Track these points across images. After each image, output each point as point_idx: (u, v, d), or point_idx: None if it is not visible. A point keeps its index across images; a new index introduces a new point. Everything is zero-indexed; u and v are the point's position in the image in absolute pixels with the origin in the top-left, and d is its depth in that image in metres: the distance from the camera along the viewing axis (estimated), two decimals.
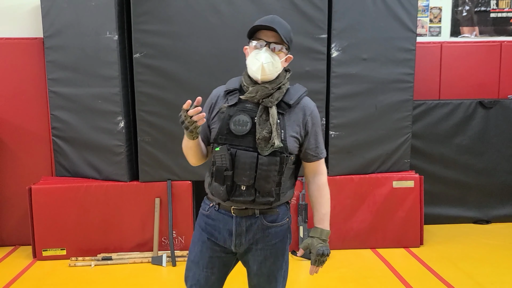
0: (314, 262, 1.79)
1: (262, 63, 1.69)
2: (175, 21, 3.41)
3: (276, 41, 1.73)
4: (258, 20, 1.75)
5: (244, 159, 1.70)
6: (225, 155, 1.71)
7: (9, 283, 3.20)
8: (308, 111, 1.82)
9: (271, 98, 1.73)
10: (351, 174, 3.71)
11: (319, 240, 1.80)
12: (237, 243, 1.79)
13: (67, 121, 3.65)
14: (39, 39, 3.77)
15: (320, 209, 1.87)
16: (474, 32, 4.47)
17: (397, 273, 3.28)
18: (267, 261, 1.82)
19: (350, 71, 3.58)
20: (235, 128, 1.73)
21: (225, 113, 1.75)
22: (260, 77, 1.71)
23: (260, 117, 1.71)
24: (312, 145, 1.82)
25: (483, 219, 4.30)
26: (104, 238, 3.58)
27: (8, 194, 3.89)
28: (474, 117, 4.20)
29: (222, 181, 1.73)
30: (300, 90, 1.86)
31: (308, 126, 1.81)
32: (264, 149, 1.70)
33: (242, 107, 1.75)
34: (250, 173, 1.71)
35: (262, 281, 1.85)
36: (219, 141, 1.74)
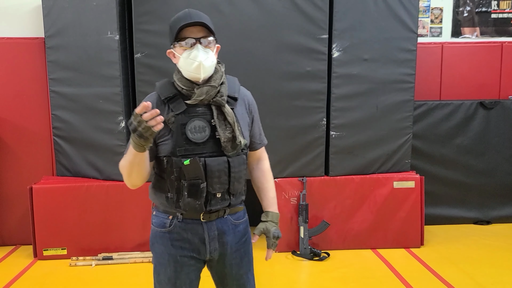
0: (271, 245, 1.78)
1: (201, 61, 1.58)
2: None
3: (204, 35, 1.63)
4: (175, 19, 1.64)
5: (216, 166, 1.62)
6: (197, 167, 1.58)
7: (9, 282, 3.21)
8: (248, 100, 1.78)
9: (221, 96, 1.64)
10: (351, 175, 3.71)
11: (272, 223, 1.79)
12: (212, 249, 1.70)
13: (68, 121, 3.65)
14: (40, 39, 3.78)
15: (268, 193, 1.85)
16: (475, 33, 4.47)
17: (397, 274, 3.28)
18: (243, 260, 1.78)
19: (351, 72, 3.58)
20: (194, 136, 1.61)
21: (175, 123, 1.60)
22: (202, 76, 1.60)
23: (217, 118, 1.63)
24: (256, 133, 1.82)
25: (483, 219, 4.30)
26: (105, 238, 3.59)
27: (9, 194, 3.89)
28: (475, 117, 4.20)
29: (199, 195, 1.60)
30: (235, 80, 1.78)
31: (252, 115, 1.78)
32: (230, 150, 1.63)
33: (194, 112, 1.62)
34: (224, 179, 1.64)
35: (242, 283, 1.79)
36: (178, 153, 1.59)
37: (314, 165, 3.68)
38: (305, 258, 3.57)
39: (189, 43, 1.62)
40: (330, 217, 3.68)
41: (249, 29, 3.46)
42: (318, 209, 3.68)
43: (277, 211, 1.83)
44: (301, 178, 3.65)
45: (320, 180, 3.69)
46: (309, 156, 3.66)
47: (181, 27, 1.60)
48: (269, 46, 3.50)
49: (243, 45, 3.47)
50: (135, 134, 1.45)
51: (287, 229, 3.68)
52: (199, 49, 1.60)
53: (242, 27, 3.45)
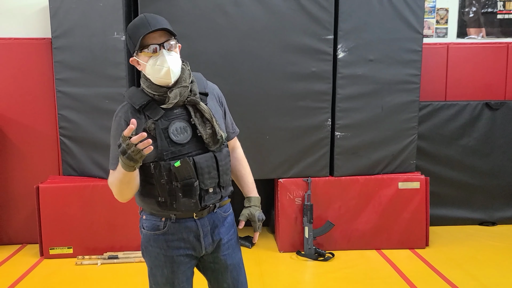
0: (257, 228, 1.85)
1: (169, 67, 1.60)
2: (182, 22, 3.43)
3: (166, 38, 1.64)
4: (132, 27, 1.64)
5: (205, 163, 1.66)
6: (188, 167, 1.62)
7: (16, 281, 3.23)
8: (217, 92, 1.83)
9: (194, 95, 1.68)
10: (356, 175, 3.71)
11: (256, 207, 1.85)
12: (207, 244, 1.75)
13: (74, 121, 3.68)
14: (47, 40, 3.81)
15: (247, 179, 1.91)
16: (481, 34, 4.46)
17: (402, 274, 3.28)
18: (235, 250, 1.85)
19: (356, 72, 3.59)
20: (178, 138, 1.64)
21: (156, 129, 1.63)
22: (172, 81, 1.63)
23: (196, 117, 1.67)
24: (229, 123, 1.87)
25: (489, 221, 4.28)
26: (110, 237, 3.61)
27: (16, 193, 3.92)
28: (481, 118, 4.19)
29: (193, 193, 1.64)
30: (201, 76, 1.81)
31: (223, 107, 1.84)
32: (213, 145, 1.68)
33: (172, 115, 1.66)
34: (214, 173, 1.69)
35: (236, 274, 1.85)
36: (165, 157, 1.62)
37: (319, 165, 3.68)
38: (310, 258, 3.58)
39: (152, 49, 1.62)
40: (335, 217, 3.68)
41: (254, 29, 3.47)
42: (322, 210, 3.69)
43: (257, 195, 1.89)
44: (306, 179, 3.66)
45: (325, 180, 3.70)
46: (314, 156, 3.66)
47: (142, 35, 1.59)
48: (274, 46, 3.51)
49: (248, 45, 3.48)
50: (124, 157, 1.46)
51: (292, 229, 3.68)
52: (164, 54, 1.61)
53: (247, 27, 3.46)
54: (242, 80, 3.50)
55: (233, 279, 1.84)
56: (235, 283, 1.85)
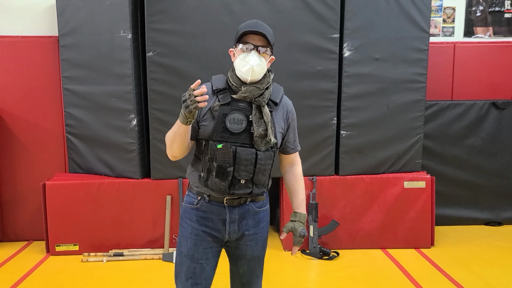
0: (297, 243, 1.95)
1: (252, 66, 1.79)
2: (188, 20, 3.43)
3: (262, 44, 1.83)
4: (243, 25, 1.84)
5: (245, 156, 1.81)
6: (228, 152, 1.79)
7: (22, 277, 3.26)
8: (288, 108, 1.97)
9: (263, 98, 1.84)
10: (362, 174, 3.71)
11: (300, 223, 1.96)
12: (231, 231, 1.89)
13: (80, 119, 3.70)
14: (54, 38, 3.83)
15: (298, 195, 2.03)
16: (488, 33, 4.44)
17: (407, 274, 3.27)
18: (258, 244, 1.96)
19: (362, 71, 3.58)
20: (232, 126, 1.82)
21: (218, 111, 1.82)
22: (250, 78, 1.81)
23: (255, 115, 1.83)
24: (291, 139, 2.02)
25: (495, 220, 4.26)
26: (116, 235, 3.62)
27: (22, 190, 3.95)
28: (487, 118, 4.17)
29: (225, 177, 1.81)
30: (280, 89, 1.98)
31: (289, 122, 1.98)
32: (260, 145, 1.83)
33: (236, 106, 1.84)
34: (250, 168, 1.83)
35: (253, 265, 1.97)
36: (215, 138, 1.81)
37: (324, 164, 3.68)
38: (315, 257, 3.58)
39: (248, 48, 1.82)
40: (340, 216, 3.68)
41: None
42: (328, 208, 3.68)
43: (305, 213, 2.01)
44: (311, 177, 3.65)
45: (330, 179, 3.69)
46: (319, 155, 3.66)
47: (245, 32, 1.82)
48: (280, 45, 3.49)
49: None
50: (183, 105, 1.68)
51: None
52: (253, 55, 1.81)
53: None
54: None
55: (249, 268, 1.97)
56: (250, 273, 1.98)
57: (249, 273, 1.98)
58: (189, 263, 1.90)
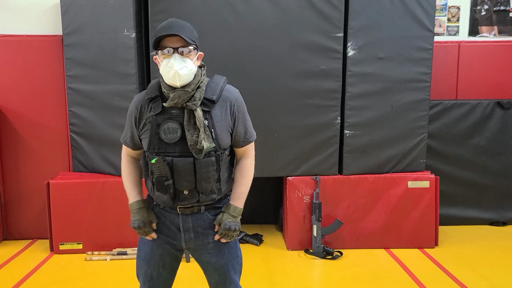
0: (220, 235, 1.85)
1: (176, 70, 1.69)
2: (192, 19, 3.41)
3: (182, 45, 1.72)
4: (158, 28, 1.74)
5: (182, 166, 1.74)
6: (162, 166, 1.73)
7: (26, 275, 3.27)
8: (232, 100, 1.83)
9: (193, 101, 1.74)
10: (365, 174, 3.70)
11: (228, 215, 1.85)
12: (186, 238, 1.86)
13: (84, 118, 3.71)
14: (58, 37, 3.83)
15: (238, 188, 1.90)
16: (493, 32, 4.41)
17: (411, 274, 3.26)
18: (222, 252, 1.89)
19: (366, 70, 3.57)
20: (166, 137, 1.74)
21: (152, 122, 1.76)
22: (178, 84, 1.72)
23: (188, 121, 1.73)
24: (241, 132, 1.87)
25: (499, 221, 4.25)
26: (119, 233, 3.63)
27: (26, 189, 3.96)
28: (492, 117, 4.15)
29: (164, 190, 1.77)
30: (220, 81, 1.85)
31: (236, 115, 1.84)
32: (198, 152, 1.73)
33: (168, 114, 1.75)
34: (190, 178, 1.76)
35: (222, 273, 1.90)
36: (152, 151, 1.76)
37: (328, 163, 3.67)
38: (318, 256, 3.57)
39: (167, 52, 1.72)
40: (344, 216, 3.67)
41: (264, 27, 3.46)
42: (331, 208, 3.68)
43: (240, 206, 1.89)
44: (315, 177, 3.65)
45: (333, 179, 3.69)
46: (323, 154, 3.65)
47: (161, 37, 1.70)
48: (284, 44, 3.50)
49: (258, 43, 3.48)
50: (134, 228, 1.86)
51: (300, 228, 3.68)
52: (176, 58, 1.70)
53: (257, 25, 3.46)
54: (251, 77, 3.50)
55: (220, 277, 1.90)
56: (223, 282, 1.91)
57: (222, 282, 1.91)
58: (146, 268, 1.90)
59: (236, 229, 1.84)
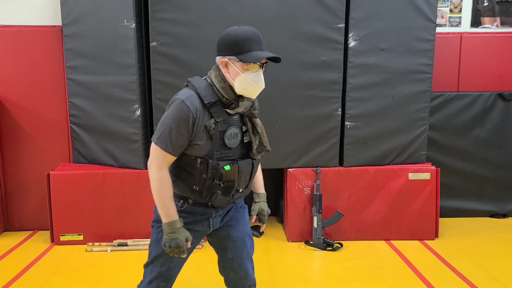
0: (265, 221, 2.06)
1: (261, 87, 1.76)
2: (193, 9, 3.40)
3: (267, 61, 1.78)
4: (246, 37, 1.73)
5: (246, 168, 1.84)
6: (236, 172, 1.80)
7: (27, 266, 3.28)
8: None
9: (254, 110, 1.83)
10: (366, 165, 3.69)
11: (264, 203, 2.05)
12: (215, 223, 1.92)
13: (84, 109, 3.69)
14: (57, 27, 3.81)
15: (258, 177, 2.06)
16: (495, 23, 4.38)
17: (411, 265, 3.27)
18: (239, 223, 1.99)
19: (367, 61, 3.55)
20: (230, 142, 1.79)
21: (216, 128, 1.74)
22: (255, 97, 1.80)
23: (252, 127, 1.84)
24: None
25: (500, 213, 4.25)
26: (120, 225, 3.63)
27: (27, 180, 3.96)
28: (494, 109, 4.13)
29: (228, 193, 1.83)
30: None
31: None
32: (257, 155, 1.86)
33: (230, 120, 1.79)
34: (248, 178, 1.88)
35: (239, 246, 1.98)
36: (214, 156, 1.76)
37: (329, 155, 3.66)
38: (318, 248, 3.58)
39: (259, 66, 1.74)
40: (344, 207, 3.67)
41: (265, 18, 3.44)
42: (331, 200, 3.68)
43: (265, 192, 2.09)
44: (315, 168, 3.64)
45: (334, 170, 3.68)
46: (324, 146, 3.64)
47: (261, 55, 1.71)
48: (285, 35, 3.48)
49: None
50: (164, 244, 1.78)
51: (301, 219, 3.68)
52: (261, 74, 1.75)
53: (258, 16, 3.43)
54: None
55: (236, 250, 1.98)
56: (238, 255, 1.98)
57: (238, 255, 1.98)
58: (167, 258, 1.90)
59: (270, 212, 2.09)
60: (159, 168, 1.76)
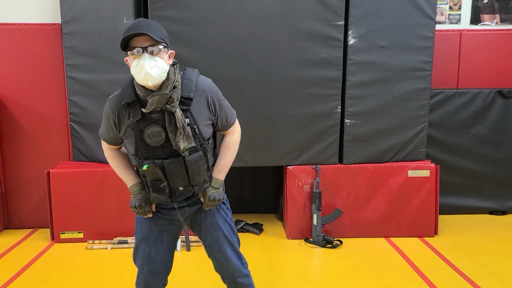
0: (206, 206, 1.95)
1: (147, 71, 1.66)
2: (192, 7, 3.40)
3: (151, 43, 1.69)
4: (125, 30, 1.71)
5: (174, 167, 1.79)
6: (155, 172, 1.78)
7: (28, 264, 3.28)
8: (208, 92, 1.85)
9: (171, 102, 1.74)
10: (366, 163, 3.69)
11: (211, 188, 1.93)
12: (182, 212, 1.96)
13: (84, 107, 3.69)
14: (57, 25, 3.81)
15: (221, 160, 1.98)
16: (494, 20, 4.38)
17: (410, 262, 3.27)
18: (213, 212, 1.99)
19: (367, 59, 3.55)
20: (151, 141, 1.77)
21: (135, 128, 1.77)
22: (150, 84, 1.69)
23: (169, 123, 1.75)
24: (222, 119, 1.93)
25: (499, 210, 4.25)
26: (120, 222, 3.64)
27: (27, 178, 3.97)
28: (493, 106, 4.13)
29: (161, 191, 1.84)
30: (193, 75, 1.85)
31: (215, 105, 1.88)
32: (184, 152, 1.78)
33: (149, 119, 1.76)
34: (183, 176, 1.83)
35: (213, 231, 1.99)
36: (140, 155, 1.80)
37: (328, 153, 3.67)
38: (318, 245, 3.58)
39: (137, 52, 1.69)
40: (344, 205, 3.68)
41: (264, 15, 3.43)
42: (331, 197, 3.68)
43: (220, 178, 1.97)
44: (315, 166, 3.65)
45: (334, 168, 3.69)
46: (323, 143, 3.65)
47: (128, 37, 1.68)
48: (284, 32, 3.48)
49: (258, 31, 3.45)
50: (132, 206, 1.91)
51: (300, 217, 3.69)
52: (145, 58, 1.67)
53: (257, 13, 3.43)
54: (251, 66, 3.48)
55: (212, 237, 1.99)
56: (214, 240, 1.99)
57: (214, 241, 1.99)
58: (144, 247, 1.96)
59: (220, 199, 1.94)
60: (105, 151, 2.02)
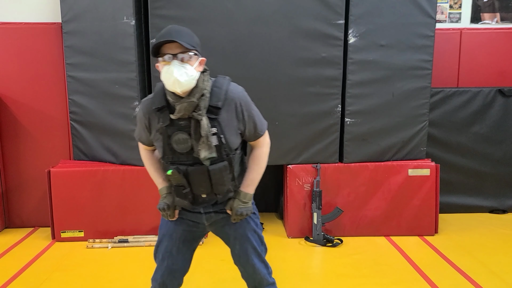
0: (233, 219, 1.94)
1: (176, 77, 1.67)
2: (192, 6, 3.40)
3: (182, 50, 1.70)
4: (157, 35, 1.73)
5: (197, 175, 1.80)
6: (178, 177, 1.81)
7: (28, 263, 3.29)
8: (237, 100, 1.82)
9: (198, 110, 1.74)
10: (366, 162, 3.70)
11: (239, 201, 1.92)
12: (207, 217, 1.95)
13: (84, 106, 3.70)
14: (57, 24, 3.81)
15: (250, 174, 1.96)
16: (495, 19, 4.38)
17: (411, 261, 3.28)
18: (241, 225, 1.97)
19: (367, 58, 3.55)
20: (178, 147, 1.79)
21: (163, 133, 1.80)
22: (179, 90, 1.71)
23: (195, 133, 1.75)
24: (251, 129, 1.89)
25: (499, 208, 4.26)
26: (120, 221, 3.64)
27: (27, 177, 3.97)
28: (493, 105, 4.13)
29: (184, 196, 1.86)
30: (223, 83, 1.83)
31: (243, 113, 1.84)
32: (205, 161, 1.78)
33: (177, 125, 1.77)
34: (206, 184, 1.83)
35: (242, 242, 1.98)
36: (167, 160, 1.83)
37: (329, 151, 3.67)
38: (318, 244, 3.59)
39: (168, 58, 1.70)
40: (344, 203, 3.68)
41: (264, 14, 3.43)
42: (331, 196, 3.69)
43: (250, 192, 1.95)
44: (315, 165, 3.65)
45: (334, 166, 3.69)
46: (324, 142, 3.65)
47: (160, 43, 1.70)
48: (285, 31, 3.48)
49: (258, 30, 3.45)
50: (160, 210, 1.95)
51: (301, 215, 3.69)
52: (174, 65, 1.68)
53: (257, 12, 3.43)
54: (251, 65, 3.48)
55: (241, 247, 1.98)
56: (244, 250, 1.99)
57: (243, 251, 1.98)
58: (167, 243, 1.98)
59: (248, 213, 1.93)
60: (140, 151, 2.05)
